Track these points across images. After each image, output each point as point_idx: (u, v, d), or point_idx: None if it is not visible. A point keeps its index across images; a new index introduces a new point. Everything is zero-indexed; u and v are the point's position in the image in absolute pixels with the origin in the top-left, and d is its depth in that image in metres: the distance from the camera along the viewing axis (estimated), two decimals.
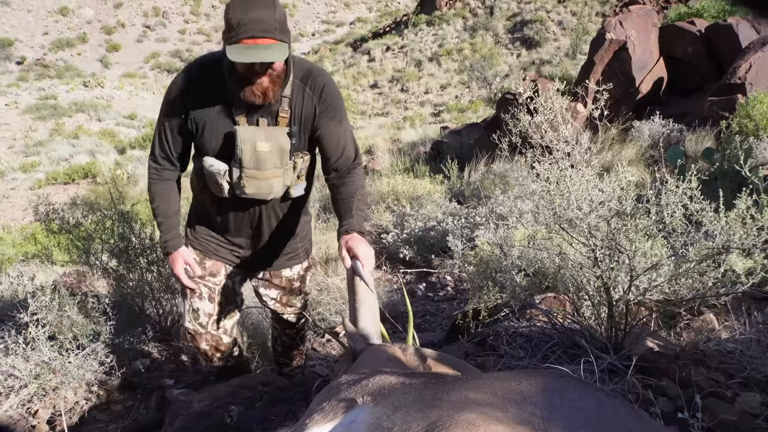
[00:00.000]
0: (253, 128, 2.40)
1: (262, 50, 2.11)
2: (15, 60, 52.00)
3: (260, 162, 2.41)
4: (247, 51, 2.10)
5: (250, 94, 2.26)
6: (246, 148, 2.37)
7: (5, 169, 18.54)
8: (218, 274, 2.80)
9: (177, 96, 2.43)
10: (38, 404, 3.20)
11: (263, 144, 2.39)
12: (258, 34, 2.09)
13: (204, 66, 2.43)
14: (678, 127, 7.94)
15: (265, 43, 2.11)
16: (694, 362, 2.29)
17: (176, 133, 2.51)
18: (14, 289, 4.70)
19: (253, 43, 2.10)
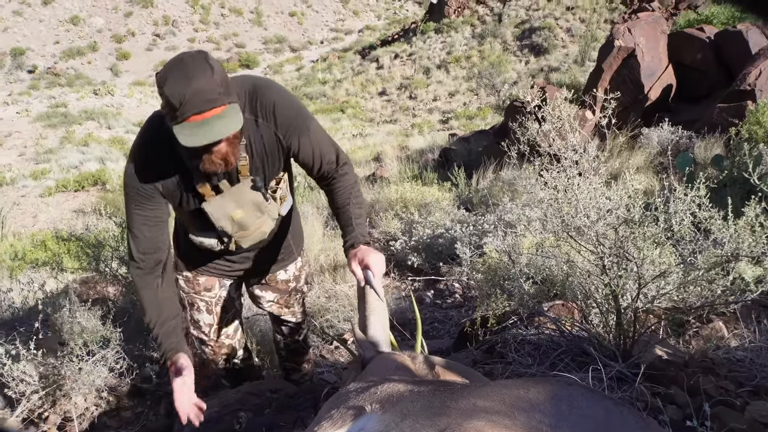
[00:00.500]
0: (218, 200, 2.27)
1: (215, 123, 1.89)
2: (27, 69, 52.46)
3: (242, 225, 2.36)
4: (199, 130, 1.88)
5: (210, 164, 2.06)
6: (223, 222, 2.31)
7: (16, 176, 18.63)
8: (212, 288, 2.77)
9: (140, 185, 2.19)
10: (49, 410, 3.22)
11: (237, 212, 2.31)
12: (205, 107, 1.87)
13: (152, 145, 2.19)
14: (687, 134, 7.90)
15: (215, 113, 1.89)
16: (703, 370, 2.28)
17: (154, 221, 2.28)
18: (25, 295, 4.73)
19: (201, 118, 1.87)
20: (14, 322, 4.12)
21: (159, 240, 2.30)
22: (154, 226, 2.27)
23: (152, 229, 2.27)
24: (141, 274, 2.30)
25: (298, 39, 62.77)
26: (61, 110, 31.01)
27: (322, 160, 2.38)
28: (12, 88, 43.50)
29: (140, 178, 2.18)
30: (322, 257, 5.79)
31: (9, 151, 23.80)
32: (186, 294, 2.76)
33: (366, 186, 9.55)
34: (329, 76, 39.14)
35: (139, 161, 2.19)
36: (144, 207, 2.22)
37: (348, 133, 23.29)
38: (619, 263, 2.37)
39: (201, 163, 2.05)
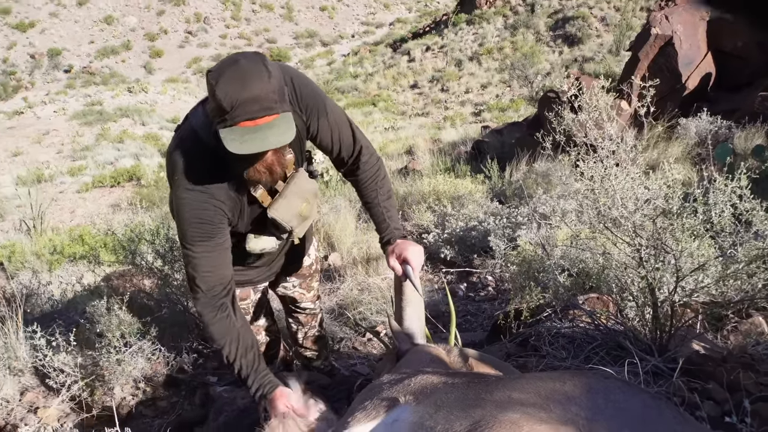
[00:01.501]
0: (284, 202, 2.20)
1: (265, 132, 1.78)
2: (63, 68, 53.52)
3: (305, 217, 2.33)
4: (249, 137, 1.78)
5: (254, 173, 1.98)
6: (294, 222, 2.26)
7: (54, 173, 19.02)
8: (248, 297, 2.73)
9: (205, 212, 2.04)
10: (88, 399, 3.29)
11: (303, 207, 2.26)
12: (259, 114, 1.77)
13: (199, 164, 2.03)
14: (726, 124, 7.70)
15: (267, 121, 1.79)
16: (742, 366, 2.23)
17: (221, 250, 2.12)
18: (63, 288, 4.83)
19: (253, 125, 1.77)
20: (54, 314, 4.21)
21: (226, 269, 2.15)
22: (221, 255, 2.12)
23: (220, 258, 2.11)
24: (210, 308, 2.11)
25: (329, 33, 62.92)
26: (97, 108, 31.57)
27: (341, 143, 2.30)
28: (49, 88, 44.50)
29: (207, 204, 2.03)
30: (354, 250, 5.80)
31: (47, 149, 24.29)
32: None
33: (398, 179, 9.53)
34: (361, 70, 39.16)
35: (199, 183, 2.02)
36: (210, 238, 2.07)
37: (380, 127, 23.27)
38: (656, 255, 2.32)
39: (246, 173, 1.98)
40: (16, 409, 3.18)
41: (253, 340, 2.18)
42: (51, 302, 4.82)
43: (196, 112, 2.08)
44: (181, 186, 2.02)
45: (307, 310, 3.08)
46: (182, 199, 2.03)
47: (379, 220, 2.40)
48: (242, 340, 2.13)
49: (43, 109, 33.34)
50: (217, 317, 2.11)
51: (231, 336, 2.11)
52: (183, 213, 2.04)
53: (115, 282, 4.20)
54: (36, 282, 5.26)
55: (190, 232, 2.05)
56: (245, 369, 2.12)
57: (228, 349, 2.11)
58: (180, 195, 2.03)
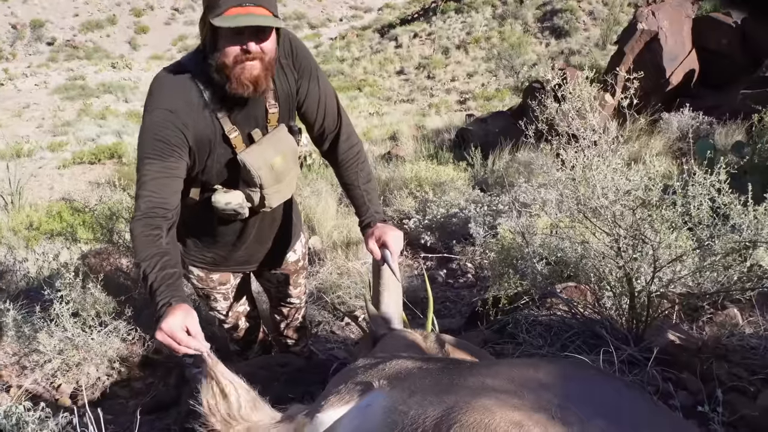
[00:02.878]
0: (257, 149, 2.13)
1: (254, 15, 1.82)
2: (46, 41, 52.59)
3: (279, 176, 2.23)
4: (241, 18, 1.80)
5: (238, 85, 1.93)
6: (263, 173, 2.14)
7: (34, 148, 18.76)
8: (227, 281, 2.70)
9: (168, 130, 1.98)
10: (62, 379, 3.26)
11: (276, 159, 2.17)
12: (249, 2, 1.81)
13: (178, 81, 2.02)
14: (708, 120, 7.79)
15: (259, 12, 1.83)
16: (717, 357, 2.26)
17: (171, 174, 2.02)
18: (39, 266, 4.77)
19: (245, 12, 1.81)
20: (29, 291, 4.16)
21: (172, 196, 2.02)
22: (170, 181, 2.01)
23: (167, 182, 2.00)
24: (142, 225, 1.94)
25: (316, 16, 62.42)
26: (79, 83, 31.18)
27: (326, 113, 2.28)
28: (31, 60, 43.75)
29: (169, 122, 1.97)
30: (335, 234, 5.79)
31: (27, 123, 23.96)
32: (200, 289, 2.69)
33: (381, 164, 9.51)
34: (347, 54, 38.92)
35: (168, 104, 1.99)
36: (162, 158, 1.97)
37: (365, 112, 23.21)
38: (634, 246, 2.34)
39: (229, 84, 1.94)
40: None
41: (176, 262, 1.97)
42: (26, 279, 4.76)
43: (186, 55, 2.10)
44: (149, 107, 2.00)
45: (293, 304, 3.05)
46: (146, 119, 2.00)
47: (359, 203, 2.37)
48: (164, 258, 1.91)
49: (24, 81, 32.85)
50: (145, 233, 1.93)
51: (152, 252, 1.91)
52: (143, 130, 2.00)
53: (91, 260, 4.14)
54: (11, 258, 5.20)
55: (144, 148, 1.98)
56: (156, 282, 1.86)
57: (146, 263, 1.89)
58: (145, 116, 2.00)
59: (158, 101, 2.00)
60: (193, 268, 2.59)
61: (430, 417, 1.27)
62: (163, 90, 2.03)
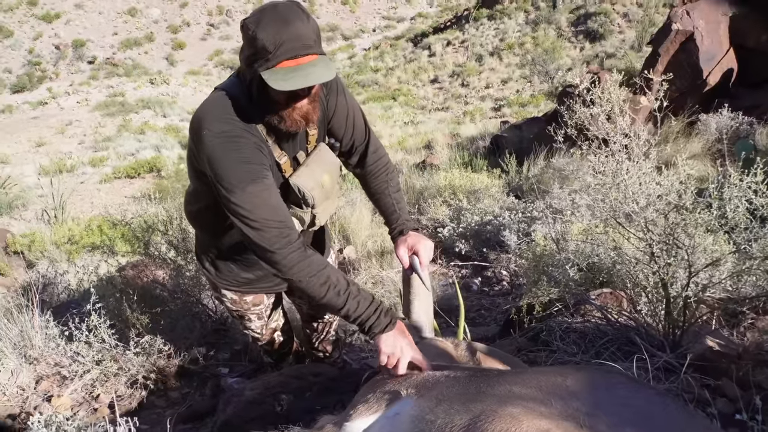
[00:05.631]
0: (306, 171, 2.13)
1: (309, 69, 1.78)
2: (87, 59, 53.99)
3: (328, 194, 2.24)
4: (294, 74, 1.77)
5: (292, 123, 1.93)
6: (316, 194, 2.14)
7: (76, 163, 19.21)
8: (261, 302, 2.70)
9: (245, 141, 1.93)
10: (100, 389, 3.32)
11: (324, 177, 2.17)
12: (301, 52, 1.78)
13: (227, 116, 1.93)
14: (748, 120, 7.60)
15: (309, 60, 1.80)
16: (758, 363, 2.19)
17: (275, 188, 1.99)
18: (80, 278, 4.87)
19: (295, 64, 1.78)
20: (70, 304, 4.25)
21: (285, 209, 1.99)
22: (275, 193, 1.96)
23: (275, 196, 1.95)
24: (297, 248, 1.90)
25: (350, 27, 62.86)
26: (119, 99, 31.85)
27: (354, 127, 2.28)
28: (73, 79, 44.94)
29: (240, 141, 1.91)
30: (369, 243, 5.80)
31: (70, 140, 24.53)
32: (235, 311, 2.70)
33: (416, 173, 9.51)
34: (381, 64, 39.11)
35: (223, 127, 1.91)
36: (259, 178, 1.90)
37: (399, 121, 23.26)
38: (668, 251, 2.29)
39: (283, 122, 1.93)
40: (31, 397, 3.21)
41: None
42: (67, 291, 4.88)
43: (224, 82, 2.06)
44: (211, 130, 1.90)
45: (325, 320, 3.05)
46: (214, 143, 1.89)
47: (390, 210, 2.37)
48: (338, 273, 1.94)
49: (67, 99, 33.69)
50: (307, 253, 1.91)
51: (328, 266, 1.92)
52: (220, 156, 1.88)
53: (128, 273, 4.22)
54: (53, 271, 5.32)
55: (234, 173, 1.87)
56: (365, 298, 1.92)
57: (335, 277, 1.90)
58: (210, 140, 1.89)
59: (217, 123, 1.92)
60: (226, 291, 2.58)
61: (457, 426, 1.27)
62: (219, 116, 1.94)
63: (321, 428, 1.73)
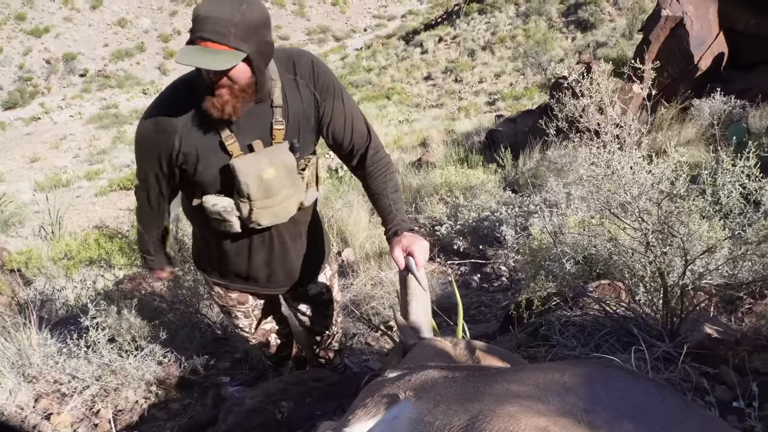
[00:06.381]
0: (251, 157, 2.12)
1: (208, 55, 1.80)
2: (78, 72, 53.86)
3: (270, 190, 2.17)
4: (193, 53, 1.80)
5: (210, 106, 1.96)
6: (250, 181, 2.11)
7: (72, 178, 19.21)
8: (246, 302, 2.70)
9: (155, 135, 2.10)
10: (100, 404, 3.31)
11: (268, 170, 2.13)
12: (211, 37, 1.80)
13: (179, 90, 2.10)
14: (741, 104, 7.57)
15: (216, 48, 1.81)
16: (757, 348, 2.18)
17: (164, 181, 2.23)
18: (78, 293, 4.86)
19: (203, 46, 1.81)
20: (68, 320, 4.24)
21: (166, 202, 2.37)
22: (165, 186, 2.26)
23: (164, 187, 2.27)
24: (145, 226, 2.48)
25: (341, 28, 62.86)
26: (112, 111, 31.94)
27: (353, 131, 2.28)
28: (65, 93, 44.94)
29: (161, 124, 2.07)
30: (367, 245, 5.79)
31: (64, 154, 24.57)
32: (222, 306, 2.74)
33: (412, 172, 9.50)
34: (374, 64, 39.08)
35: (163, 105, 2.09)
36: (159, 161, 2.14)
37: (394, 120, 23.23)
38: (664, 240, 2.28)
39: (206, 105, 1.96)
40: (30, 416, 3.19)
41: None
42: (66, 307, 4.86)
43: None
44: (149, 110, 2.12)
45: (327, 332, 3.03)
46: (143, 120, 2.13)
47: (387, 211, 2.35)
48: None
49: (60, 114, 33.78)
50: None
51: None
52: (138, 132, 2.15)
53: (126, 285, 4.21)
54: (51, 288, 5.31)
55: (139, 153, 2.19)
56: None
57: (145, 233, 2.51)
58: (145, 117, 2.13)
59: (150, 110, 2.12)
60: (214, 285, 2.63)
61: (456, 427, 1.26)
62: (158, 102, 2.13)
63: None
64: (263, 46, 1.92)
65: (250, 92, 1.99)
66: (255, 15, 1.86)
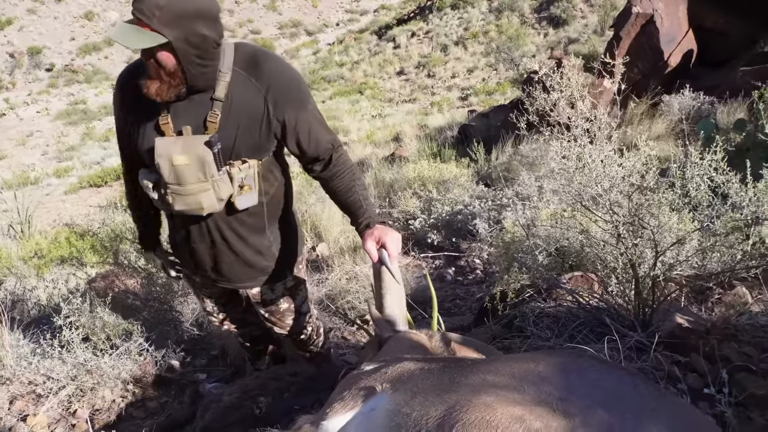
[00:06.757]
0: (169, 140, 2.11)
1: (132, 33, 1.86)
2: (44, 67, 52.78)
3: (179, 176, 2.13)
4: (122, 29, 1.87)
5: (142, 84, 2.01)
6: (162, 162, 2.11)
7: (40, 175, 18.90)
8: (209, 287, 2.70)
9: (115, 105, 2.33)
10: (77, 404, 3.27)
11: (179, 157, 2.10)
12: (138, 15, 1.84)
13: (131, 70, 2.21)
14: (709, 100, 7.72)
15: (142, 28, 1.85)
16: (726, 337, 2.24)
17: (126, 147, 2.39)
18: (49, 293, 4.80)
19: (137, 25, 1.86)
20: (41, 319, 4.18)
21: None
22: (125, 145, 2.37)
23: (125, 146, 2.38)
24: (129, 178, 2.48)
25: (313, 22, 62.54)
26: (81, 107, 31.44)
27: (318, 142, 2.25)
28: (31, 88, 44.01)
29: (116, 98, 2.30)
30: (341, 239, 5.79)
31: (32, 151, 24.14)
32: (190, 285, 2.78)
33: (385, 166, 9.51)
34: (346, 58, 38.94)
35: (119, 81, 2.27)
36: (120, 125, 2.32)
37: (367, 115, 23.20)
38: (634, 231, 2.33)
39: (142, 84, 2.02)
40: (6, 418, 3.14)
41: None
42: (38, 307, 4.79)
43: None
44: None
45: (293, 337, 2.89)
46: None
47: (356, 206, 2.33)
48: None
49: (26, 110, 33.15)
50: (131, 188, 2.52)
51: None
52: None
53: (99, 284, 4.16)
54: (21, 288, 5.23)
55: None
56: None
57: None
58: None
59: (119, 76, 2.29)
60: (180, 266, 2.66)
61: (433, 417, 1.27)
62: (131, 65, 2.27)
63: (298, 428, 1.72)
64: (194, 37, 1.92)
65: (177, 79, 2.00)
66: (188, 4, 1.88)
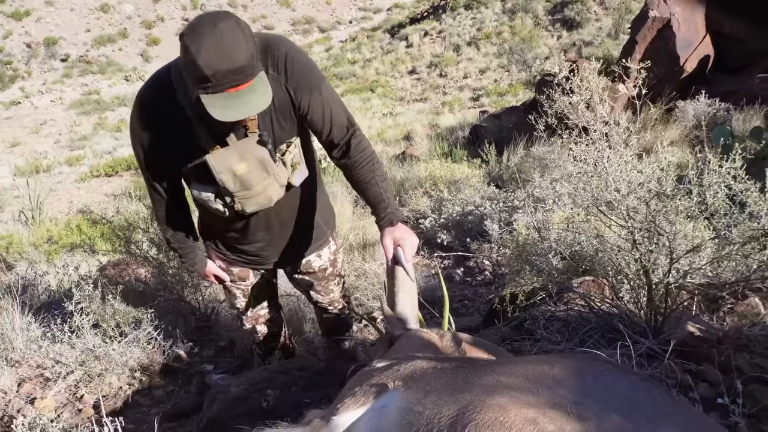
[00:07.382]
0: (222, 153, 2.14)
1: (247, 97, 1.83)
2: (60, 57, 52.99)
3: (245, 183, 2.20)
4: (232, 103, 1.82)
5: (221, 125, 1.96)
6: (225, 177, 2.16)
7: (52, 163, 18.99)
8: (247, 278, 2.78)
9: (140, 128, 2.17)
10: (84, 389, 3.29)
11: (240, 166, 2.16)
12: (240, 81, 1.81)
13: (156, 92, 2.14)
14: (725, 106, 7.65)
15: (248, 86, 1.84)
16: (738, 347, 2.22)
17: (158, 169, 2.31)
18: (60, 279, 4.82)
19: (234, 91, 1.82)
20: (51, 304, 4.21)
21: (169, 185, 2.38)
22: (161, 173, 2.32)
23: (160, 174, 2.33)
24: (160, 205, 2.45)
25: (326, 19, 62.53)
26: (94, 97, 31.58)
27: (332, 122, 2.27)
28: (46, 77, 44.26)
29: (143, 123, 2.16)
30: (351, 236, 5.79)
31: (45, 139, 24.26)
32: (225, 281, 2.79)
33: (396, 165, 9.51)
34: (358, 56, 38.91)
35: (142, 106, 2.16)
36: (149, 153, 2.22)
37: (378, 113, 23.19)
38: (650, 238, 2.31)
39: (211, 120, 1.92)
40: (14, 400, 3.17)
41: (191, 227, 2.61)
42: (48, 292, 4.82)
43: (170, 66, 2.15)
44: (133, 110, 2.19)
45: (326, 309, 3.07)
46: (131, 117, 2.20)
47: (379, 199, 2.35)
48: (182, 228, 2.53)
49: (41, 98, 33.33)
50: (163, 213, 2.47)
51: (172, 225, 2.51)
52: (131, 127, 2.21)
53: (110, 271, 4.19)
54: (32, 273, 5.26)
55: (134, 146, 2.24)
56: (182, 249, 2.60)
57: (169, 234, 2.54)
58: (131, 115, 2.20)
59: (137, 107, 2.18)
60: (216, 259, 2.70)
61: (445, 416, 1.27)
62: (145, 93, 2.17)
63: (308, 423, 1.72)
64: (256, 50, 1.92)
65: None
66: (249, 33, 1.86)
